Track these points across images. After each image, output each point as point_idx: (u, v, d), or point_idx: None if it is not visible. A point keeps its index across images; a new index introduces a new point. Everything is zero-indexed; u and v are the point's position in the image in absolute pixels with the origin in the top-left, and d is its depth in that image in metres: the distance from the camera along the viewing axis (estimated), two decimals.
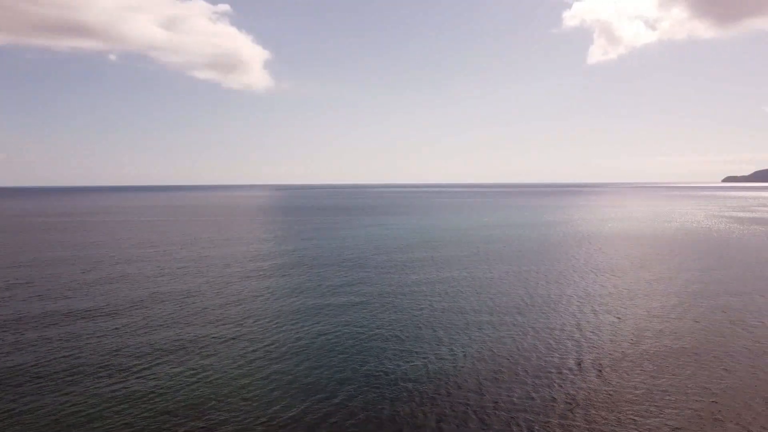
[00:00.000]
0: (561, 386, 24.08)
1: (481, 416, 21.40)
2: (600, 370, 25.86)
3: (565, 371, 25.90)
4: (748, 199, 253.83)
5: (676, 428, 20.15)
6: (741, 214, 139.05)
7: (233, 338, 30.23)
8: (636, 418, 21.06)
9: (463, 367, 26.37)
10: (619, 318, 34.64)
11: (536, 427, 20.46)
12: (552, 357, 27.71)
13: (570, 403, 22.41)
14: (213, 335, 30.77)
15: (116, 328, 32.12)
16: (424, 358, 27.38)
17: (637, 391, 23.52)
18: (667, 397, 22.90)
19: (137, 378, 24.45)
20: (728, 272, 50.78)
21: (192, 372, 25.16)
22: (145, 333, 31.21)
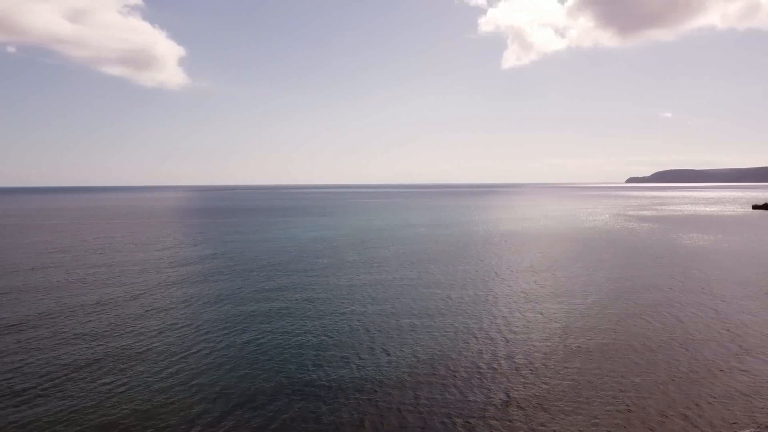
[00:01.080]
0: (493, 384, 24.25)
1: (417, 418, 21.17)
2: (530, 367, 26.35)
3: (496, 369, 26.18)
4: (648, 198, 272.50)
5: (598, 420, 20.78)
6: (643, 213, 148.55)
7: (153, 350, 28.48)
8: (565, 411, 21.53)
9: (397, 369, 26.05)
10: (542, 314, 35.61)
11: (472, 427, 20.51)
12: (483, 356, 27.96)
13: (504, 401, 22.58)
14: (130, 347, 28.86)
15: (19, 343, 29.47)
16: (358, 362, 26.86)
17: (566, 386, 24.10)
18: (591, 392, 23.58)
19: (45, 398, 22.42)
20: (638, 269, 53.71)
21: (108, 389, 23.41)
22: (54, 348, 28.80)
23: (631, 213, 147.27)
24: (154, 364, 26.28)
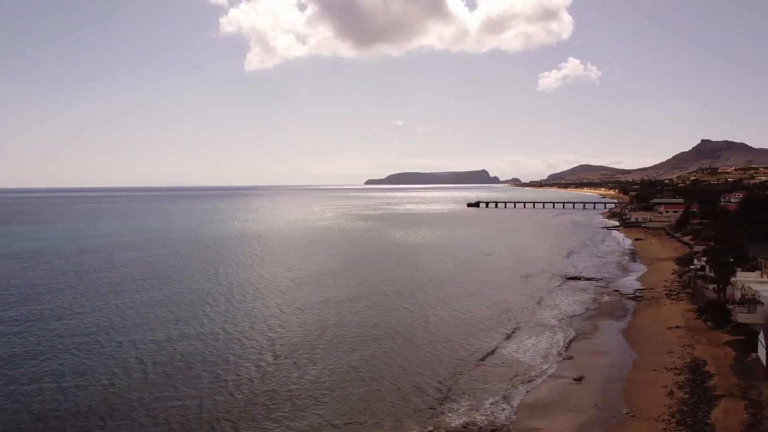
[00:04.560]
0: (251, 379, 23.52)
1: (185, 420, 19.63)
2: (277, 357, 26.25)
3: (262, 364, 25.88)
4: (384, 198, 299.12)
5: (365, 404, 21.66)
6: (381, 212, 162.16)
7: None
8: (318, 397, 21.95)
9: (150, 374, 23.60)
10: (301, 309, 35.96)
11: (239, 422, 20.13)
12: (246, 353, 26.98)
13: (270, 394, 21.98)
14: None
15: None
16: (112, 374, 23.69)
17: (316, 374, 24.55)
18: (351, 379, 24.44)
19: None
20: (383, 269, 58.06)
21: None
22: None
23: (370, 212, 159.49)
24: None
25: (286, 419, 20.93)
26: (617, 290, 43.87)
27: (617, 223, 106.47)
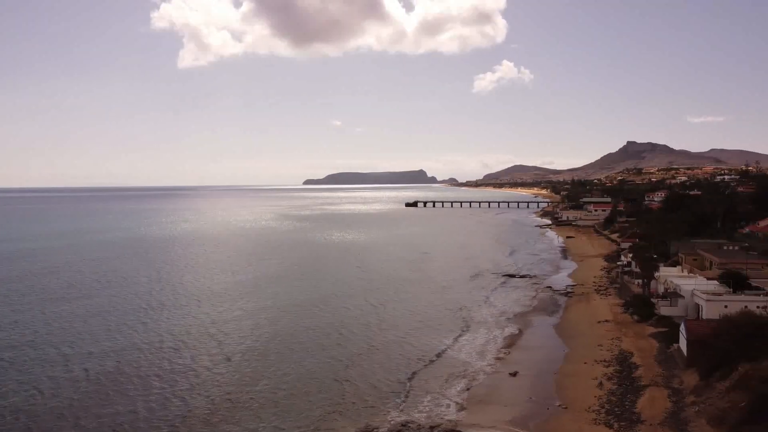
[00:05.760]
0: (201, 384, 22.89)
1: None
2: (229, 360, 25.87)
3: (216, 371, 24.92)
4: (323, 198, 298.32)
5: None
6: (317, 212, 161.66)
7: None
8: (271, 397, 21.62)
9: (98, 384, 22.40)
10: (251, 314, 35.33)
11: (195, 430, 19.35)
12: (199, 360, 26.56)
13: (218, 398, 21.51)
14: None
15: None
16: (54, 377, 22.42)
17: (271, 377, 24.03)
18: (295, 382, 24.17)
19: None
20: (325, 263, 57.74)
21: None
22: None
23: (311, 213, 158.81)
24: None
25: (246, 426, 20.54)
26: (550, 287, 45.31)
27: (550, 222, 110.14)
